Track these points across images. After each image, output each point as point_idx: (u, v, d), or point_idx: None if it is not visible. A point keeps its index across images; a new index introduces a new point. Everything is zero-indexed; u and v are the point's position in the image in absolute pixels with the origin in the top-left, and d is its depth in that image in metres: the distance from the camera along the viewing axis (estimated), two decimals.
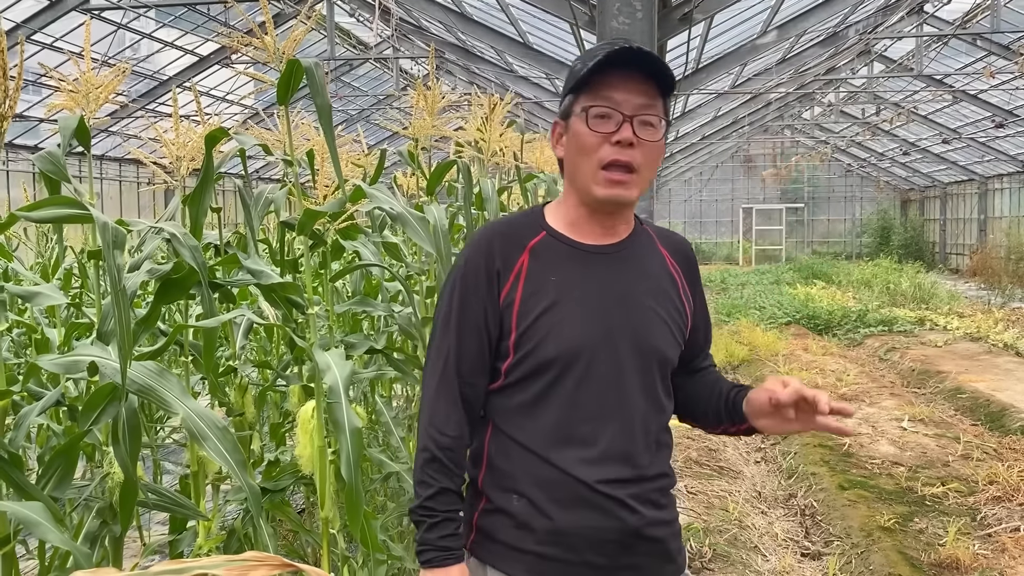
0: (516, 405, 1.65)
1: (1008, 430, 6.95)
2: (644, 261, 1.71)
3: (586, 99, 1.61)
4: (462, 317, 1.65)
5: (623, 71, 1.59)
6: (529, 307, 1.62)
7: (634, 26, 3.36)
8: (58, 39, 12.52)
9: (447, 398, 1.65)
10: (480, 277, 1.64)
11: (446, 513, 1.62)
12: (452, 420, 1.64)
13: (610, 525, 1.62)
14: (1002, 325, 12.58)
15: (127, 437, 1.88)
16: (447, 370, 1.65)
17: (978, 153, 22.63)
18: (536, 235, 1.68)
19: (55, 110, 2.29)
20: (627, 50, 1.57)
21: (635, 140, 1.58)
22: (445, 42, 14.07)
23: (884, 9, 13.72)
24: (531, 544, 1.62)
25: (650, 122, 1.60)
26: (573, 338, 1.61)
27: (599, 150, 1.60)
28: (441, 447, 1.63)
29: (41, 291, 2.25)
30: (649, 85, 1.60)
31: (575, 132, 1.63)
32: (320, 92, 2.21)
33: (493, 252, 1.65)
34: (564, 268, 1.65)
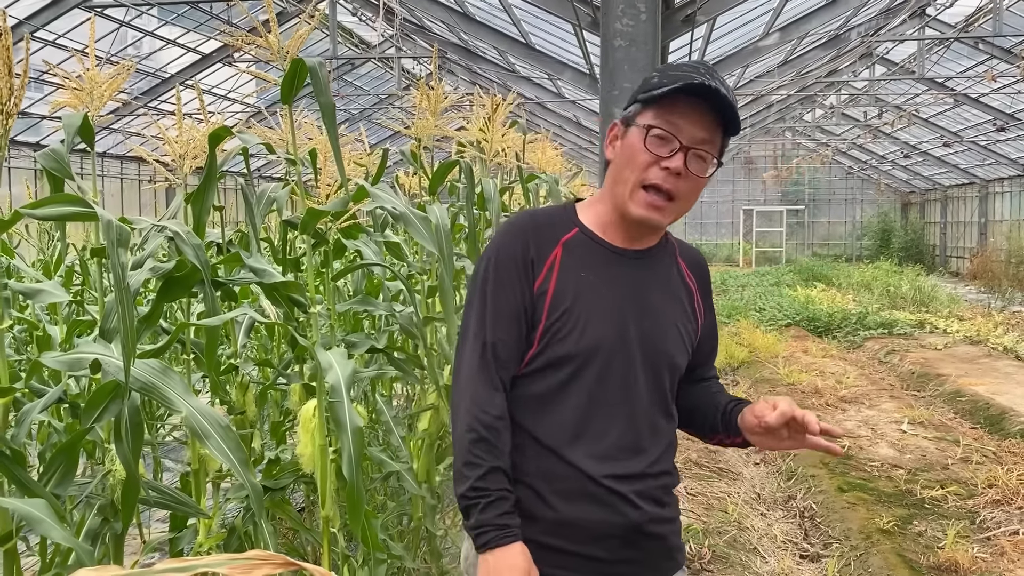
0: (530, 396, 1.67)
1: (1008, 433, 6.95)
2: (666, 270, 1.78)
3: (652, 116, 1.64)
4: (500, 301, 1.66)
5: (695, 100, 1.62)
6: (559, 300, 1.65)
7: (637, 28, 3.36)
8: (60, 36, 12.53)
9: (487, 381, 1.65)
10: (515, 265, 1.66)
11: (499, 492, 1.60)
12: (495, 402, 1.64)
13: (613, 520, 1.65)
14: (1002, 329, 12.58)
15: (129, 435, 1.89)
16: (486, 355, 1.65)
17: (979, 156, 22.64)
18: (569, 231, 1.72)
19: (59, 107, 2.29)
20: (704, 86, 1.59)
21: (684, 171, 1.62)
22: (448, 42, 14.07)
23: (886, 12, 13.73)
24: (534, 533, 1.64)
25: (703, 157, 1.64)
26: (594, 336, 1.65)
27: (648, 169, 1.63)
28: (486, 426, 1.62)
29: (43, 288, 2.25)
30: (714, 121, 1.64)
31: (630, 143, 1.66)
32: (324, 91, 2.22)
33: (528, 240, 1.68)
34: (593, 266, 1.69)
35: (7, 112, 1.75)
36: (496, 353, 1.65)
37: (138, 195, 17.82)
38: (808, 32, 12.14)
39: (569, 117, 19.03)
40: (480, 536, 1.58)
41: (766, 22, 11.61)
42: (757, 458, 6.74)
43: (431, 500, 3.25)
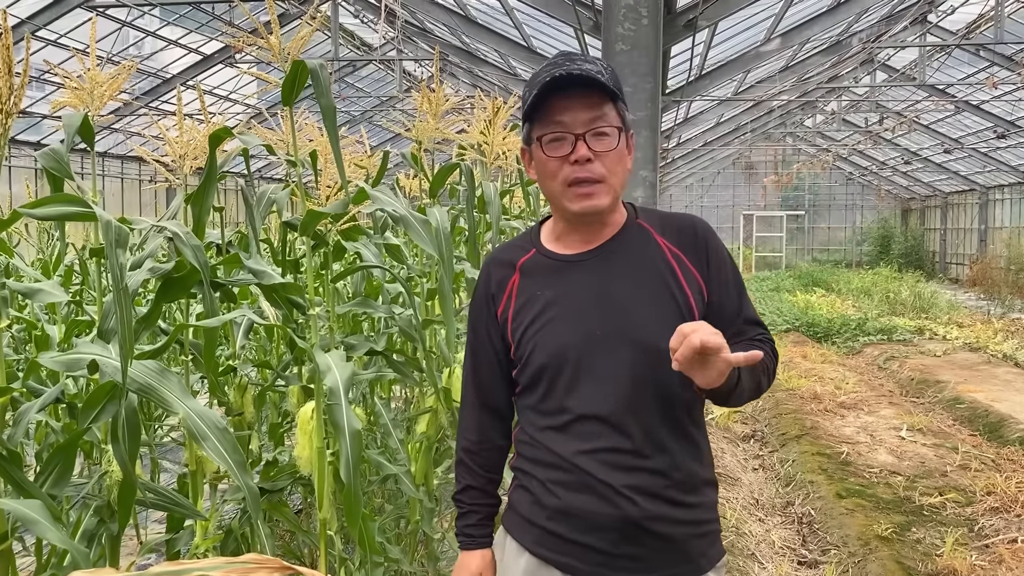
0: (528, 405, 1.81)
1: (1006, 441, 6.94)
2: (630, 258, 1.75)
3: (539, 127, 1.71)
4: (475, 338, 1.88)
5: (566, 92, 1.67)
6: (519, 321, 1.78)
7: (639, 32, 3.36)
8: (62, 36, 12.53)
9: (468, 408, 1.92)
10: (481, 303, 1.86)
11: (470, 506, 1.90)
12: (470, 426, 1.90)
13: (609, 512, 1.68)
14: (1001, 335, 12.58)
15: (126, 436, 1.88)
16: (467, 385, 1.91)
17: (979, 163, 22.65)
18: (527, 254, 1.83)
19: (59, 107, 2.29)
20: (561, 77, 1.64)
21: (592, 155, 1.67)
22: (449, 45, 14.08)
23: (888, 19, 13.74)
24: (541, 519, 1.75)
25: (603, 132, 1.68)
26: (557, 344, 1.72)
27: (561, 172, 1.70)
28: (464, 450, 1.91)
29: (42, 288, 2.24)
30: (593, 97, 1.67)
31: (538, 159, 1.74)
32: (325, 93, 2.21)
33: (490, 278, 1.85)
34: (548, 281, 1.78)
35: (7, 111, 1.75)
36: (476, 383, 1.89)
37: (138, 195, 17.82)
38: (809, 38, 12.15)
39: None
40: (457, 537, 1.93)
41: (767, 28, 11.63)
42: (756, 464, 6.73)
43: (429, 503, 3.24)
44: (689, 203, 31.55)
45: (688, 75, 12.93)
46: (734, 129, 22.43)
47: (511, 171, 4.35)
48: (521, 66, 14.15)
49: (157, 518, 4.39)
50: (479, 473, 1.90)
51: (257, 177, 19.98)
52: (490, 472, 1.91)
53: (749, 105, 18.88)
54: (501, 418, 1.90)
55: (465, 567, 1.88)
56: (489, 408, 1.88)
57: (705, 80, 12.32)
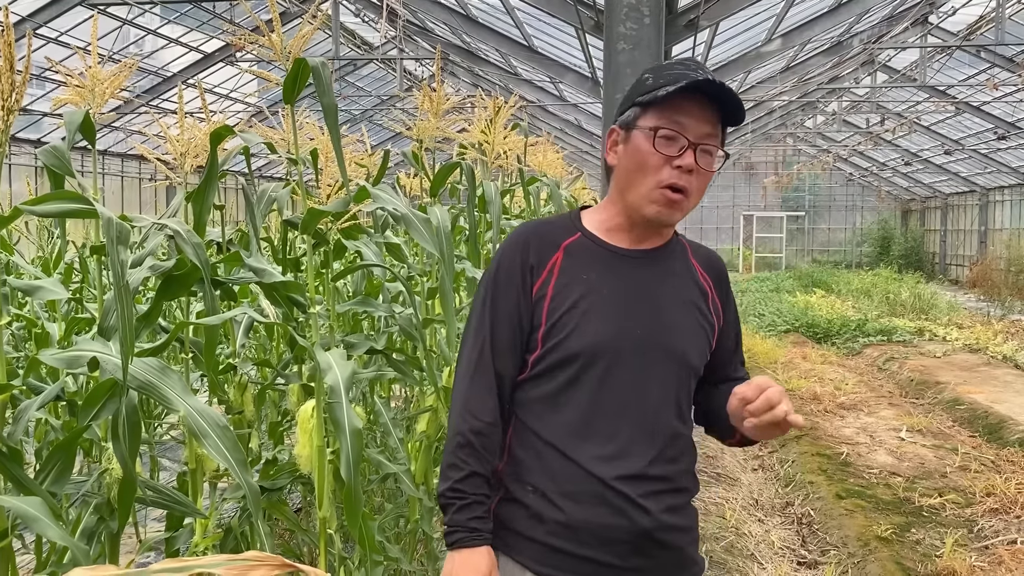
0: (539, 397, 1.69)
1: (1006, 442, 6.94)
2: (675, 270, 1.76)
3: (655, 118, 1.65)
4: (496, 309, 1.71)
5: (695, 96, 1.64)
6: (559, 302, 1.67)
7: (641, 32, 3.36)
8: (63, 33, 12.53)
9: (482, 385, 1.70)
10: (514, 271, 1.70)
11: (475, 496, 1.66)
12: (487, 406, 1.69)
13: (621, 523, 1.63)
14: (1001, 337, 12.57)
15: (127, 433, 1.88)
16: (483, 359, 1.70)
17: (980, 165, 22.65)
18: (571, 236, 1.74)
19: (60, 104, 2.29)
20: (708, 82, 1.61)
21: (695, 167, 1.64)
22: (450, 44, 14.08)
23: (889, 19, 13.74)
24: (541, 534, 1.65)
25: (709, 151, 1.66)
26: (597, 334, 1.65)
27: (660, 171, 1.65)
28: (475, 431, 1.67)
29: (43, 285, 2.24)
30: (715, 114, 1.66)
31: (636, 148, 1.67)
32: (326, 92, 2.21)
33: (528, 248, 1.72)
34: (596, 268, 1.71)
35: (9, 108, 1.74)
36: (493, 358, 1.70)
37: (138, 193, 17.82)
38: (810, 39, 12.15)
39: (571, 120, 19.04)
40: (451, 535, 1.66)
41: (768, 28, 11.62)
42: (755, 464, 6.73)
43: (428, 502, 3.24)
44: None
45: None
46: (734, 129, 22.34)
47: (512, 170, 4.35)
48: (522, 65, 14.15)
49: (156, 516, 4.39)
50: (486, 459, 1.68)
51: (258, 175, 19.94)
52: (493, 458, 1.71)
53: (750, 105, 18.84)
54: (504, 399, 1.72)
55: (473, 567, 1.63)
56: (499, 386, 1.71)
57: None
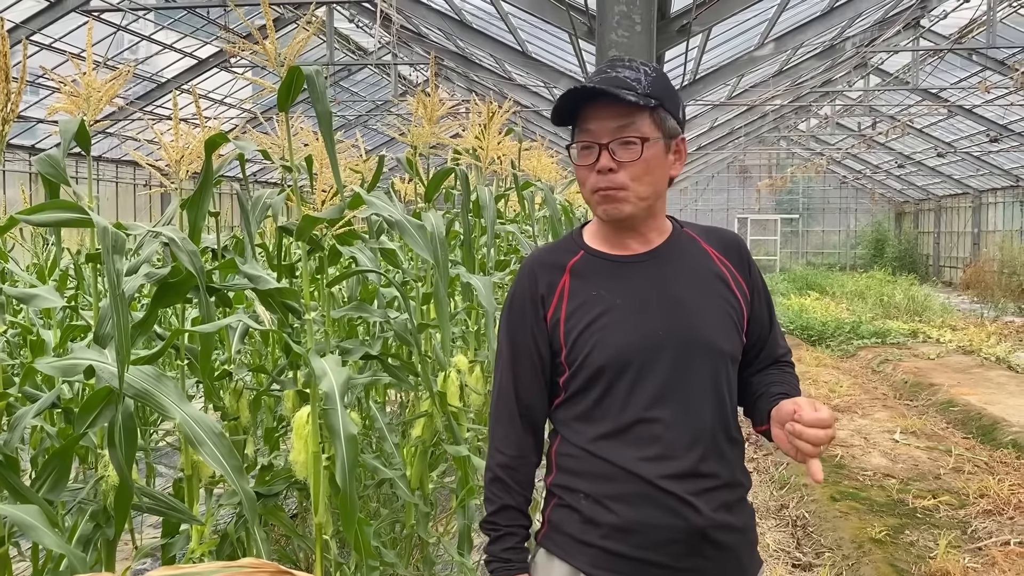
0: (578, 413, 1.72)
1: (999, 444, 6.97)
2: (685, 261, 1.76)
3: (575, 135, 1.73)
4: (513, 346, 1.78)
5: (595, 102, 1.67)
6: (574, 322, 1.71)
7: (633, 38, 3.38)
8: (57, 40, 12.51)
9: (506, 421, 1.79)
10: (525, 304, 1.76)
11: (508, 528, 1.74)
12: (511, 440, 1.77)
13: (674, 523, 1.63)
14: (995, 339, 12.62)
15: (123, 440, 1.88)
16: (505, 395, 1.79)
17: (972, 167, 22.73)
18: (575, 255, 1.78)
19: (55, 112, 2.30)
20: (583, 89, 1.66)
21: (614, 164, 1.67)
22: (444, 49, 14.10)
23: (881, 23, 13.80)
24: (596, 538, 1.67)
25: (629, 142, 1.66)
26: (620, 343, 1.67)
27: (588, 180, 1.71)
28: (500, 465, 1.77)
29: (38, 293, 2.25)
30: (623, 107, 1.66)
31: (574, 166, 1.75)
32: (320, 99, 2.22)
33: (536, 278, 1.77)
34: (604, 281, 1.73)
35: (4, 116, 1.75)
36: (516, 393, 1.77)
37: (133, 200, 17.79)
38: (803, 42, 12.20)
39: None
40: (488, 564, 1.75)
41: (761, 32, 11.66)
42: (750, 467, 6.74)
43: (424, 507, 3.25)
44: (684, 206, 31.59)
45: (682, 80, 12.97)
46: (728, 133, 22.47)
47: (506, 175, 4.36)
48: (516, 71, 14.17)
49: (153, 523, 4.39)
50: (517, 491, 1.76)
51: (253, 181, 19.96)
52: (526, 490, 1.78)
53: (743, 109, 18.92)
54: (536, 432, 1.80)
55: None
56: (528, 420, 1.78)
57: (699, 84, 12.35)
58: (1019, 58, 13.42)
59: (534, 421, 1.78)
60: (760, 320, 1.81)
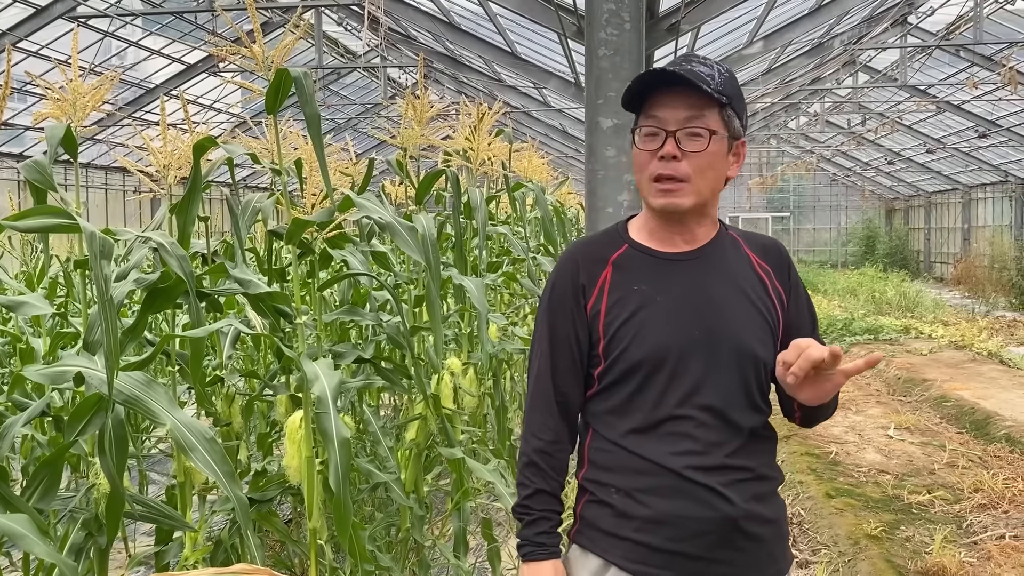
0: (611, 407, 1.75)
1: (993, 438, 6.99)
2: (727, 264, 1.77)
3: (640, 120, 1.74)
4: (553, 333, 1.79)
5: (667, 89, 1.69)
6: (614, 315, 1.72)
7: (622, 37, 3.38)
8: (44, 47, 12.46)
9: (542, 407, 1.79)
10: (567, 294, 1.77)
11: (542, 512, 1.75)
12: (548, 426, 1.78)
13: (706, 514, 1.65)
14: (986, 333, 12.67)
15: (113, 448, 1.87)
16: (542, 382, 1.80)
17: (962, 163, 22.83)
18: (618, 248, 1.79)
19: (42, 119, 2.28)
20: (661, 72, 1.67)
21: (679, 153, 1.67)
22: (433, 51, 14.09)
23: (869, 20, 13.85)
24: (629, 531, 1.69)
25: (697, 133, 1.68)
26: (658, 340, 1.69)
27: (649, 166, 1.71)
28: (536, 450, 1.77)
29: (26, 301, 2.23)
30: (694, 98, 1.68)
31: (634, 151, 1.76)
32: (309, 102, 2.22)
33: (578, 269, 1.78)
34: (646, 276, 1.74)
35: None
36: (553, 380, 1.78)
37: (123, 206, 17.72)
38: (791, 40, 12.23)
39: (555, 126, 19.09)
40: (521, 548, 1.76)
41: (750, 31, 11.69)
42: None
43: (419, 511, 3.24)
44: None
45: None
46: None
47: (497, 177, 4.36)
48: (506, 72, 14.17)
49: (146, 530, 4.36)
50: (552, 476, 1.77)
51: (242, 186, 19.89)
52: (560, 476, 1.79)
53: None
54: (571, 420, 1.81)
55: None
56: (563, 407, 1.79)
57: None
58: (1006, 53, 13.48)
59: (569, 409, 1.79)
60: (798, 323, 1.80)
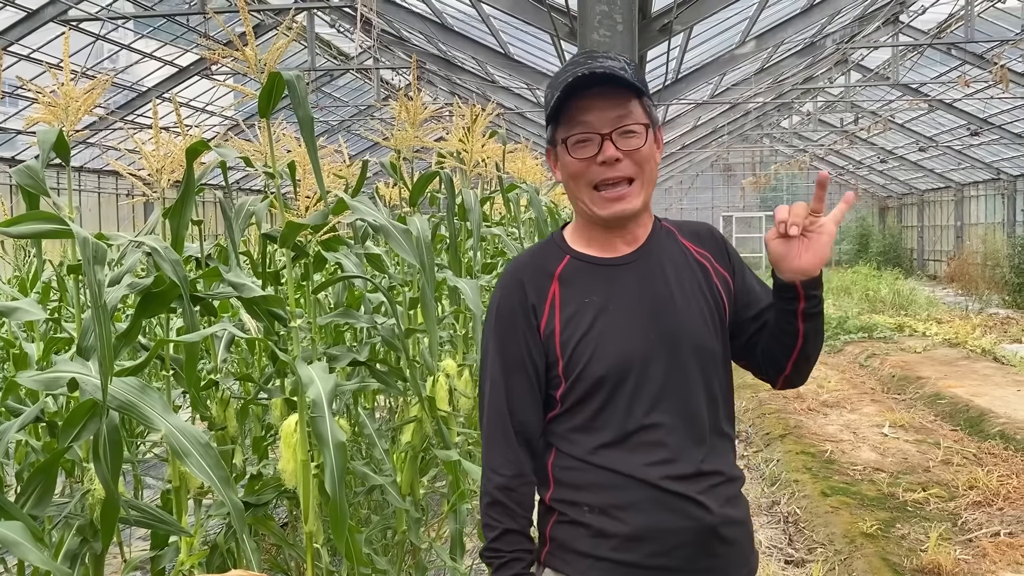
0: (576, 425, 1.67)
1: (987, 435, 7.01)
2: (670, 259, 1.72)
3: (563, 129, 1.66)
4: (504, 359, 1.69)
5: (589, 91, 1.62)
6: (570, 332, 1.65)
7: (614, 38, 3.38)
8: (35, 51, 12.41)
9: (500, 439, 1.69)
10: (516, 316, 1.68)
11: (512, 554, 1.65)
12: (509, 460, 1.67)
13: (685, 525, 1.60)
14: (980, 331, 12.71)
15: (108, 454, 1.86)
16: (497, 413, 1.69)
17: (954, 161, 22.89)
18: (561, 261, 1.72)
19: (33, 123, 2.27)
20: (584, 77, 1.60)
21: (620, 155, 1.62)
22: (426, 53, 14.08)
23: (861, 19, 13.88)
24: (606, 551, 1.62)
25: (630, 130, 1.63)
26: (619, 351, 1.64)
27: (586, 173, 1.65)
28: (500, 488, 1.66)
29: (19, 306, 2.22)
30: (619, 95, 1.63)
31: (564, 161, 1.68)
32: (302, 104, 2.21)
33: (524, 288, 1.69)
34: (595, 287, 1.68)
35: None
36: (509, 408, 1.68)
37: (116, 210, 17.66)
38: (784, 40, 12.26)
39: None
40: None
41: (742, 30, 11.71)
42: (741, 464, 6.76)
43: (415, 513, 3.23)
44: (669, 206, 31.69)
45: (665, 79, 13.00)
46: (712, 132, 22.56)
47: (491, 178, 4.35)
48: (499, 73, 14.18)
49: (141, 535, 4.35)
50: (519, 513, 1.66)
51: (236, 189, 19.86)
52: (528, 511, 1.67)
53: (726, 107, 18.99)
54: (533, 448, 1.70)
55: None
56: (523, 437, 1.68)
57: (682, 84, 12.39)
58: (997, 51, 13.53)
59: (529, 438, 1.69)
60: (750, 288, 1.78)
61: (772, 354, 1.75)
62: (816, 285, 1.67)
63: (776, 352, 1.74)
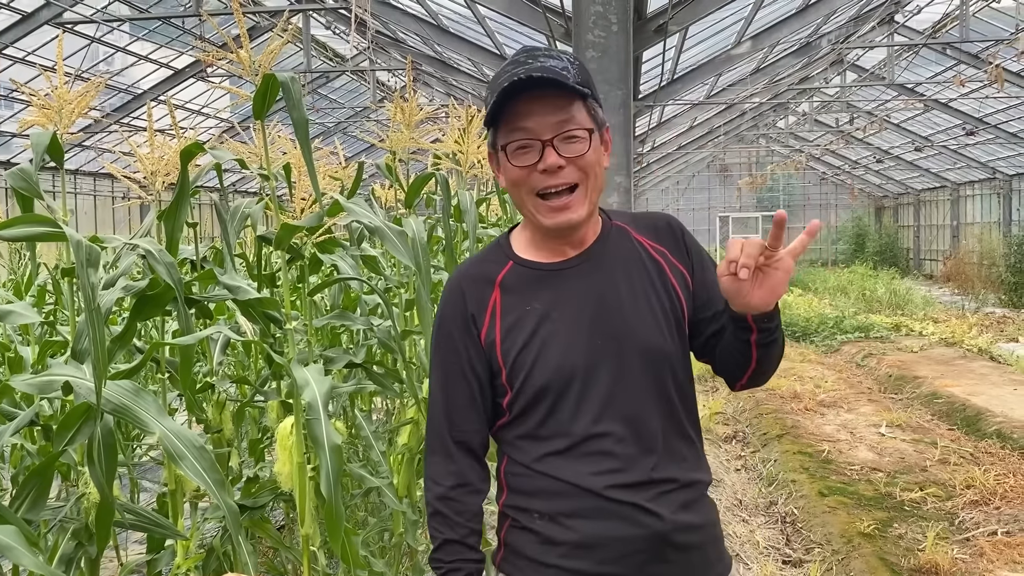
0: (524, 432, 1.64)
1: (984, 434, 7.02)
2: (618, 260, 1.66)
3: (503, 135, 1.59)
4: (445, 370, 1.67)
5: (529, 94, 1.54)
6: (511, 342, 1.61)
7: (609, 39, 3.38)
8: (30, 53, 12.39)
9: (440, 450, 1.67)
10: (456, 325, 1.65)
11: (451, 564, 1.64)
12: (448, 471, 1.66)
13: (634, 533, 1.56)
14: (976, 330, 12.73)
15: (103, 457, 1.86)
16: (438, 424, 1.68)
17: (950, 160, 22.94)
18: (503, 267, 1.67)
19: (28, 126, 2.26)
20: (521, 81, 1.51)
21: (562, 161, 1.55)
22: (422, 54, 14.08)
23: (856, 19, 13.91)
24: (554, 558, 1.59)
25: (573, 136, 1.56)
26: (562, 359, 1.59)
27: (528, 180, 1.58)
28: (439, 498, 1.65)
29: (14, 309, 2.21)
30: (560, 97, 1.55)
31: (505, 167, 1.61)
32: (297, 106, 2.21)
33: (464, 298, 1.65)
34: (537, 294, 1.63)
35: None
36: (450, 419, 1.66)
37: (111, 212, 17.65)
38: (779, 40, 12.27)
39: None
40: None
41: (738, 31, 11.72)
42: (738, 464, 6.76)
43: (412, 515, 3.23)
44: (665, 206, 31.71)
45: (660, 80, 13.01)
46: (708, 132, 22.59)
47: (487, 179, 4.35)
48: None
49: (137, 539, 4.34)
50: (459, 523, 1.64)
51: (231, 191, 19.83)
52: (470, 521, 1.65)
53: (722, 108, 19.01)
54: (478, 457, 1.68)
55: None
56: (466, 447, 1.66)
57: (677, 84, 12.41)
58: (992, 51, 13.55)
59: (472, 447, 1.67)
60: (709, 286, 1.67)
61: (727, 365, 1.69)
62: (770, 318, 1.57)
63: (730, 365, 1.68)
